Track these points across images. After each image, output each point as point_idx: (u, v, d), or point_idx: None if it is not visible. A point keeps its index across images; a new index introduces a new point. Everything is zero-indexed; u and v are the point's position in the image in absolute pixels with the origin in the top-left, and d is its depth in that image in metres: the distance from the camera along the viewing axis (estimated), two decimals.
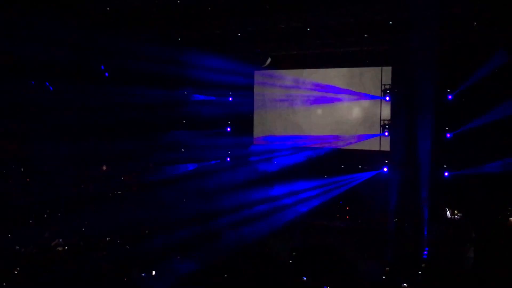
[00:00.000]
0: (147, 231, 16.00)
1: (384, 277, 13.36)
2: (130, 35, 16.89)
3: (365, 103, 18.03)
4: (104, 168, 19.81)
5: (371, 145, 17.95)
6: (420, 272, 14.10)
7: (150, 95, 18.36)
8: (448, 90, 16.44)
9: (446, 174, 16.46)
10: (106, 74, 18.99)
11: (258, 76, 19.88)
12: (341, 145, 18.28)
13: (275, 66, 19.21)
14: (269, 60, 18.83)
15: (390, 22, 15.62)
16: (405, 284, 11.91)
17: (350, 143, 18.14)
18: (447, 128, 16.51)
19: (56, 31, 15.20)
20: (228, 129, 20.60)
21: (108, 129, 18.05)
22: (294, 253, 15.16)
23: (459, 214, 16.40)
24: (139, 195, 18.70)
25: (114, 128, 18.11)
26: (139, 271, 12.73)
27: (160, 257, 13.33)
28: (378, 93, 17.64)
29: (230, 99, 20.43)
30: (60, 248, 14.37)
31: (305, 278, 12.43)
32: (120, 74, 18.61)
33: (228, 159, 20.53)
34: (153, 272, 12.81)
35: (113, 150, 17.97)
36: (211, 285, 12.09)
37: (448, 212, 16.54)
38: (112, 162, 19.44)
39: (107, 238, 15.24)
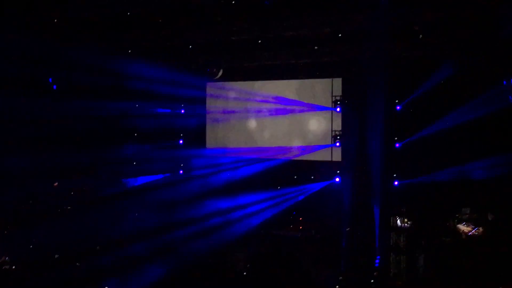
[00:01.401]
0: (98, 247, 15.66)
1: (337, 286, 13.49)
2: (80, 46, 16.58)
3: (317, 114, 18.23)
4: (56, 184, 19.26)
5: (323, 155, 18.11)
6: (372, 280, 14.30)
7: (100, 107, 18.00)
8: (397, 101, 16.80)
9: (396, 183, 16.76)
10: (54, 86, 18.56)
11: (210, 88, 19.82)
12: (293, 156, 18.41)
13: (227, 78, 19.17)
14: (221, 72, 18.80)
15: (340, 35, 15.89)
16: None
17: (303, 154, 18.27)
18: (396, 138, 16.85)
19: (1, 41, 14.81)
20: (181, 141, 20.43)
21: (58, 142, 17.58)
22: (248, 265, 15.15)
23: (409, 222, 16.69)
24: (90, 209, 18.24)
25: (64, 141, 17.65)
26: None
27: (112, 273, 13.08)
28: (329, 104, 17.88)
29: (182, 111, 20.28)
30: (6, 266, 13.91)
31: None
32: (69, 87, 18.20)
33: (181, 171, 20.33)
34: None
35: (63, 164, 17.53)
36: None
37: (398, 221, 16.80)
38: (63, 176, 18.94)
39: (56, 256, 14.83)
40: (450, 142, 15.61)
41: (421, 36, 15.20)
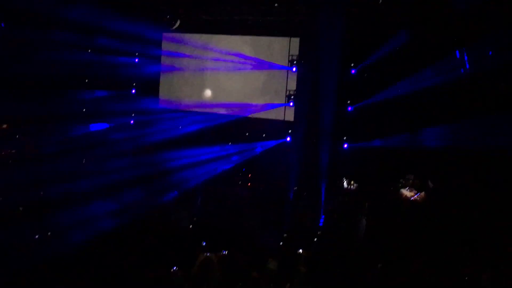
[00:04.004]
0: (41, 192, 15.35)
1: (281, 243, 13.73)
2: None
3: (272, 72, 18.17)
4: (4, 126, 18.66)
5: (276, 114, 18.17)
6: (315, 239, 14.63)
7: (51, 51, 17.37)
8: (352, 65, 16.90)
9: (346, 146, 17.02)
10: (2, 24, 17.76)
11: (167, 38, 19.43)
12: (246, 113, 18.37)
13: (184, 29, 18.82)
14: (178, 22, 18.41)
15: None
16: (301, 250, 12.29)
17: (256, 111, 18.26)
18: (349, 102, 17.01)
19: None
20: (133, 91, 20.05)
21: (5, 87, 16.92)
22: (195, 219, 15.23)
23: (355, 185, 17.06)
24: (36, 157, 17.78)
25: (12, 86, 17.01)
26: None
27: (55, 224, 12.87)
28: (285, 63, 17.83)
29: (136, 60, 19.83)
30: None
31: (204, 243, 12.52)
32: (18, 27, 17.44)
33: (132, 122, 20.02)
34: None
35: (10, 110, 16.94)
36: (114, 249, 11.89)
37: (345, 183, 17.16)
38: (9, 122, 18.37)
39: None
40: (401, 109, 15.92)
41: (380, 1, 15.26)
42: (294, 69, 17.68)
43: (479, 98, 13.81)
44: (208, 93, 19.05)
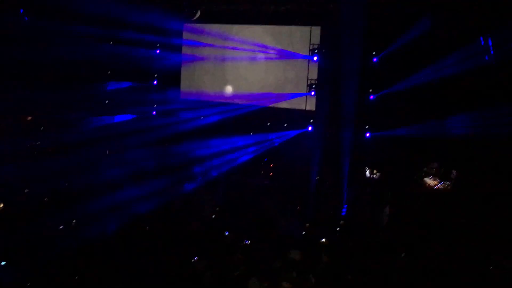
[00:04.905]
0: (66, 184, 15.56)
1: (304, 232, 13.75)
2: None
3: (293, 62, 18.10)
4: (29, 118, 18.94)
5: (297, 104, 18.13)
6: (338, 229, 14.62)
7: (74, 44, 17.55)
8: (374, 53, 16.75)
9: (368, 135, 16.92)
10: (26, 18, 17.98)
11: (187, 29, 19.46)
12: (267, 103, 18.35)
13: (205, 20, 18.82)
14: (198, 13, 18.43)
15: None
16: (323, 240, 12.31)
17: (277, 101, 18.24)
18: (370, 90, 16.88)
19: None
20: (155, 82, 20.18)
21: (29, 79, 17.17)
22: (217, 209, 15.33)
23: (377, 174, 16.97)
24: (59, 148, 18.00)
25: (36, 78, 17.24)
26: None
27: (82, 212, 13.06)
28: (306, 52, 17.74)
29: (158, 51, 19.93)
30: None
31: (227, 233, 12.60)
32: (42, 21, 17.65)
33: (154, 113, 20.17)
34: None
35: (34, 101, 17.19)
36: (137, 238, 12.04)
37: (367, 172, 17.08)
38: (33, 113, 18.63)
39: (26, 190, 14.74)
40: (423, 97, 15.73)
41: None
42: (315, 58, 17.57)
43: (504, 85, 13.59)
44: (229, 83, 19.04)
